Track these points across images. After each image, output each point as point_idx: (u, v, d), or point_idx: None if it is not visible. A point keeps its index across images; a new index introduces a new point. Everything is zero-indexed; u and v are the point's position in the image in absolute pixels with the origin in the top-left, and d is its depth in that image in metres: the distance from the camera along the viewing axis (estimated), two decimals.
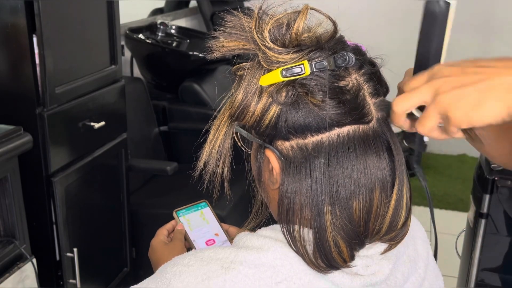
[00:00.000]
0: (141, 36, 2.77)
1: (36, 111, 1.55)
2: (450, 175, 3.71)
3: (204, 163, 0.69)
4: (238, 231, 0.93)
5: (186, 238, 0.91)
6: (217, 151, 0.69)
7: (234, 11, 0.66)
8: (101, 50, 1.86)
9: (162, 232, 0.92)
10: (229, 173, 0.70)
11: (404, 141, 0.67)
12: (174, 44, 3.00)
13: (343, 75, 0.62)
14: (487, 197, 1.74)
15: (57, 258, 1.72)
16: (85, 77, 1.75)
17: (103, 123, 1.81)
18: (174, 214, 0.93)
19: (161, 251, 0.87)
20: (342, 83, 0.62)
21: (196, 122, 2.65)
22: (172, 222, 0.94)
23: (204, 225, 0.93)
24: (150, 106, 2.63)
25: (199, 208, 0.95)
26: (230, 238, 0.92)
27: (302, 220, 0.63)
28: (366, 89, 0.64)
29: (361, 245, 0.65)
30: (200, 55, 2.76)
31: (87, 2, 1.75)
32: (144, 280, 0.69)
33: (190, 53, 2.79)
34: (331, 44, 0.63)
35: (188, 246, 0.90)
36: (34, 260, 1.54)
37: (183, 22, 3.45)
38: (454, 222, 2.98)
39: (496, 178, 1.71)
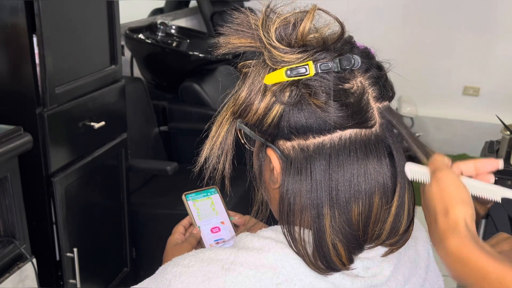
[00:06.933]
0: (141, 36, 2.77)
1: (36, 111, 1.55)
2: None
3: (205, 159, 0.69)
4: (246, 219, 0.92)
5: (192, 223, 0.91)
6: (219, 147, 0.68)
7: (240, 10, 0.65)
8: (101, 50, 1.86)
9: (178, 230, 0.91)
10: (230, 170, 0.70)
11: None
12: (174, 44, 3.00)
13: (348, 77, 0.62)
14: None
15: (57, 258, 1.71)
16: (85, 77, 1.75)
17: (103, 123, 1.81)
18: (183, 197, 0.92)
19: (170, 251, 0.86)
20: (347, 85, 0.61)
21: (196, 122, 2.65)
22: (188, 217, 0.92)
23: (211, 212, 0.92)
24: (150, 106, 2.62)
25: (209, 194, 0.94)
26: (236, 227, 0.92)
27: (303, 221, 0.63)
28: (371, 93, 0.63)
29: (359, 249, 0.65)
30: (200, 55, 2.76)
31: (87, 2, 1.75)
32: (144, 280, 0.69)
33: (190, 53, 2.79)
34: (337, 46, 0.63)
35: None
36: (34, 260, 1.54)
37: (183, 22, 3.45)
38: None
39: (496, 178, 1.71)
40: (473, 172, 0.61)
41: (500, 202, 0.60)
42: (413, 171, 0.62)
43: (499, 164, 0.61)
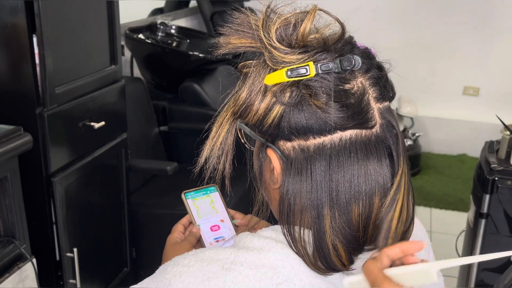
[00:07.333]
0: (141, 36, 2.77)
1: (36, 111, 1.55)
2: (450, 175, 3.71)
3: (205, 159, 0.69)
4: (247, 219, 0.92)
5: (191, 222, 0.91)
6: (219, 148, 0.68)
7: (240, 10, 0.65)
8: (101, 50, 1.86)
9: (177, 228, 0.90)
10: (230, 170, 0.70)
11: None
12: (174, 44, 3.00)
13: (349, 78, 0.62)
14: (487, 197, 1.74)
15: (57, 258, 1.72)
16: (85, 77, 1.75)
17: (103, 123, 1.81)
18: (183, 196, 0.92)
19: (169, 250, 0.86)
20: (347, 86, 0.61)
21: (196, 122, 2.65)
22: (187, 216, 0.92)
23: (211, 210, 0.92)
24: (150, 106, 2.63)
25: (208, 192, 0.94)
26: (236, 226, 0.92)
27: (303, 222, 0.63)
28: (371, 93, 0.63)
29: (359, 250, 0.64)
30: (200, 55, 2.76)
31: (87, 2, 1.75)
32: (144, 280, 0.69)
33: (190, 53, 2.79)
34: (338, 46, 0.62)
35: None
36: (34, 260, 1.54)
37: (183, 22, 3.45)
38: (454, 222, 2.99)
39: (496, 178, 1.71)
40: (400, 254, 0.59)
41: (438, 280, 0.60)
42: (353, 285, 0.60)
43: (423, 245, 0.60)
